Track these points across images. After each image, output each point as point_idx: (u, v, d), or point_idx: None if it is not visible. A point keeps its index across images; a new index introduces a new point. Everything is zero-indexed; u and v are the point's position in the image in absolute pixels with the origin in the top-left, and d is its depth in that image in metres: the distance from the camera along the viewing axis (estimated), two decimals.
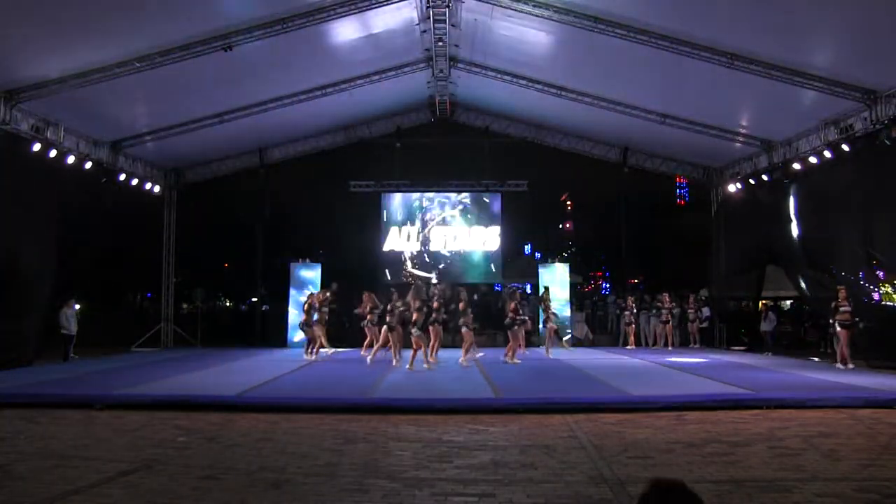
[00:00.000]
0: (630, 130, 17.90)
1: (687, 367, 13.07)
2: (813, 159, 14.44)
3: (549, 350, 16.10)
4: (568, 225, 44.87)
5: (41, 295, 14.05)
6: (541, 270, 20.16)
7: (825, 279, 14.80)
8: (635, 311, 19.13)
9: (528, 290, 22.85)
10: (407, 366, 12.42)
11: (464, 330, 13.38)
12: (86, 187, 15.15)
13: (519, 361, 13.68)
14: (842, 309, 12.59)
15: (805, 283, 15.65)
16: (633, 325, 18.95)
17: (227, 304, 31.00)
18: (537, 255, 33.23)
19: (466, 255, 20.80)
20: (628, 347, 18.43)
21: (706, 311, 19.25)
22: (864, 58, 11.55)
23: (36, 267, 13.90)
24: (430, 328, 13.07)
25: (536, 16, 12.38)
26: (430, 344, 13.12)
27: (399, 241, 20.74)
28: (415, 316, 12.38)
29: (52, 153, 14.04)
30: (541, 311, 17.60)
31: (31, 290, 13.78)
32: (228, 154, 19.68)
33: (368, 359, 13.75)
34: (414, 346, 12.64)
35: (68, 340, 15.13)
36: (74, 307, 15.50)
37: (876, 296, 12.38)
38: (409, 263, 20.63)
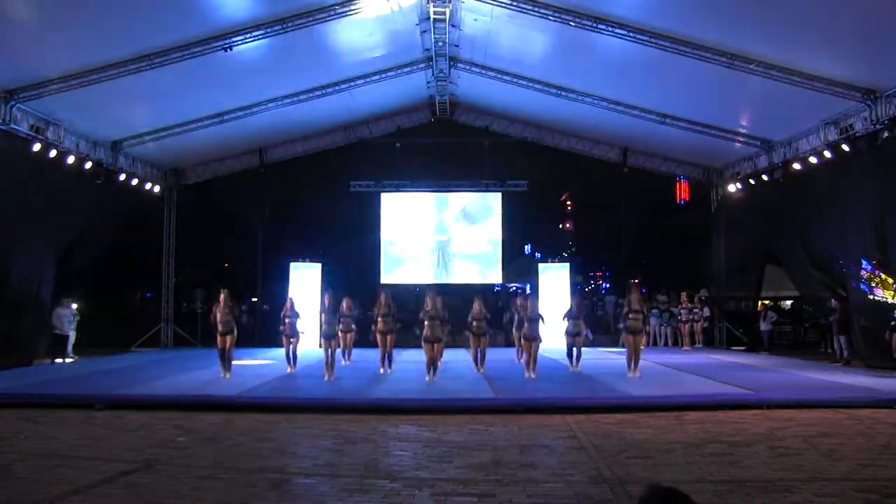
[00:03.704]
0: (630, 130, 17.90)
1: (687, 367, 13.07)
2: (813, 159, 14.44)
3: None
4: (568, 225, 44.82)
5: (40, 295, 14.04)
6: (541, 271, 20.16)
7: (826, 279, 14.79)
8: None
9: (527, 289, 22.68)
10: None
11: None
12: (86, 187, 15.14)
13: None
14: None
15: (808, 282, 15.64)
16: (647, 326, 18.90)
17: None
18: (537, 255, 33.20)
19: (466, 255, 20.78)
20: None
21: (706, 311, 19.30)
22: (864, 58, 11.55)
23: (35, 267, 13.90)
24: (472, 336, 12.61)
25: (537, 16, 12.38)
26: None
27: (398, 241, 20.73)
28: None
29: (52, 153, 14.03)
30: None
31: (31, 291, 13.77)
32: (228, 154, 19.68)
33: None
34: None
35: (61, 341, 14.92)
36: (71, 307, 15.43)
37: (878, 293, 12.29)
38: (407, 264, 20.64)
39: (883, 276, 11.99)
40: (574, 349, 12.70)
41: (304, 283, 18.29)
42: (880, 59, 11.41)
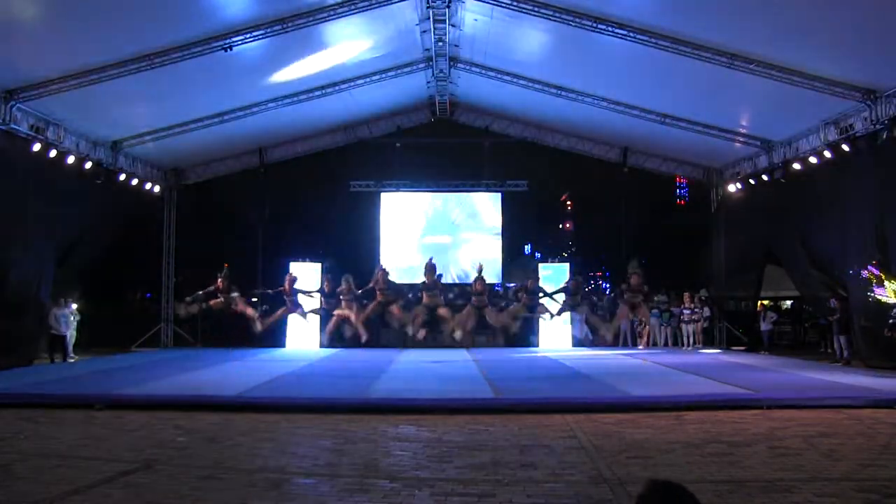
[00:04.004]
0: (630, 130, 17.91)
1: (687, 367, 13.07)
2: (813, 159, 14.45)
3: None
4: (568, 225, 44.74)
5: (40, 295, 14.03)
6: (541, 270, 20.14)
7: (826, 279, 14.78)
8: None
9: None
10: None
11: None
12: (86, 187, 15.14)
13: None
14: None
15: (808, 282, 15.64)
16: (647, 326, 18.99)
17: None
18: (537, 255, 33.15)
19: (466, 255, 20.78)
20: (640, 348, 18.39)
21: (706, 311, 19.31)
22: (864, 58, 11.54)
23: (35, 267, 13.88)
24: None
25: (537, 16, 12.39)
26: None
27: (398, 240, 20.74)
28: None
29: (52, 153, 14.03)
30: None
31: (31, 291, 13.76)
32: (228, 154, 19.69)
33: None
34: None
35: (57, 341, 14.86)
36: (71, 307, 15.40)
37: (880, 292, 12.24)
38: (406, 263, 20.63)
39: (882, 275, 11.99)
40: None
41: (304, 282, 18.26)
42: (880, 59, 11.41)
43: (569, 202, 44.18)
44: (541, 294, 12.24)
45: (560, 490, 5.13)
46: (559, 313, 12.84)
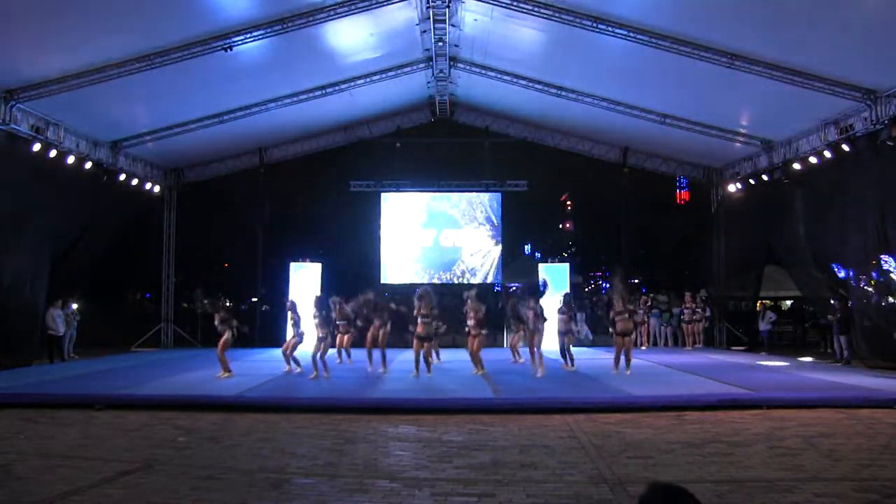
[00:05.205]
0: (630, 130, 17.90)
1: (687, 367, 13.07)
2: (813, 159, 14.45)
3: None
4: (568, 225, 44.73)
5: (39, 295, 14.02)
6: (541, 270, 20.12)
7: (828, 279, 14.78)
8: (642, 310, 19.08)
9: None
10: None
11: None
12: (86, 187, 15.14)
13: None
14: None
15: (810, 282, 15.64)
16: (647, 325, 18.98)
17: (227, 304, 30.68)
18: (537, 255, 33.16)
19: (466, 255, 20.77)
20: (642, 348, 18.39)
21: (707, 311, 19.31)
22: (864, 58, 11.54)
23: (35, 267, 13.88)
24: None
25: (537, 15, 12.38)
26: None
27: (398, 240, 20.74)
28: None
29: (52, 153, 14.03)
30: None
31: (30, 291, 13.76)
32: (228, 154, 19.69)
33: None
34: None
35: (54, 341, 14.84)
36: (72, 307, 15.39)
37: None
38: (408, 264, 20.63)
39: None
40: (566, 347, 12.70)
41: (304, 283, 18.28)
42: (880, 59, 11.41)
43: (569, 202, 44.19)
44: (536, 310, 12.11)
45: (560, 490, 5.14)
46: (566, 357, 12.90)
